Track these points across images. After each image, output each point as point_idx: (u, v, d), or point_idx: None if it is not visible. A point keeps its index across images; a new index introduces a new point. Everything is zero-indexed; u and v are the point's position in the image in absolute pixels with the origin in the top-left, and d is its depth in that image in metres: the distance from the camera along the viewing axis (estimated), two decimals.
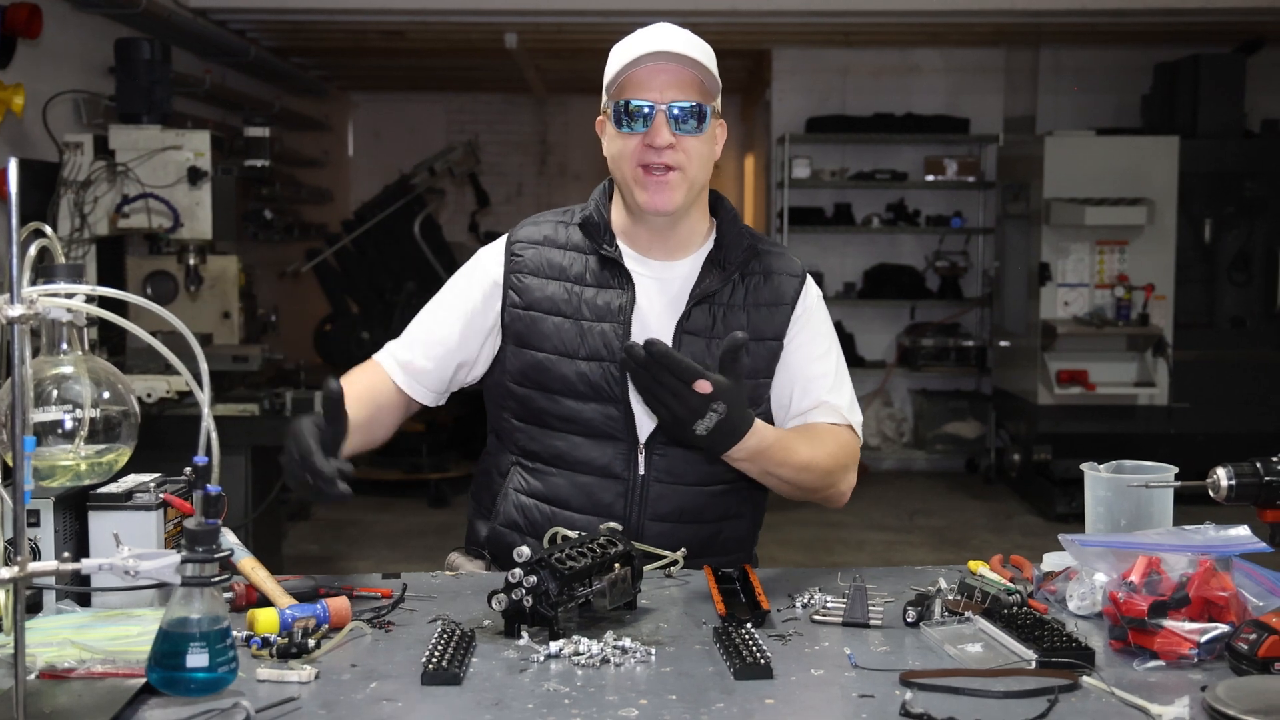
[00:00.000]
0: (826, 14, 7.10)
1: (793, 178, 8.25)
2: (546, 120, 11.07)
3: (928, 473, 8.48)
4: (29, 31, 4.69)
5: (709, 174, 2.17)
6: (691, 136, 2.08)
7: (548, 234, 2.20)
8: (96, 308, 1.54)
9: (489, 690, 1.51)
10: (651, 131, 2.07)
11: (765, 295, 2.19)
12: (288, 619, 1.67)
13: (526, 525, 2.15)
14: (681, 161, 2.08)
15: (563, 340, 2.12)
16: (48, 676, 1.51)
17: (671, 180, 2.08)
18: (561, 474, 2.14)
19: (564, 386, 2.12)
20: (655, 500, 2.12)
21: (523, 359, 2.15)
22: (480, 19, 7.13)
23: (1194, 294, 7.43)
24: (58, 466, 1.62)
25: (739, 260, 2.18)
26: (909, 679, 1.53)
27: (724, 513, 2.18)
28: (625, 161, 2.11)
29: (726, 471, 2.13)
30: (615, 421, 2.11)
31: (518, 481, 2.18)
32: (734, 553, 2.19)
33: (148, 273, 5.16)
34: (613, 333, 2.11)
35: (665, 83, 2.07)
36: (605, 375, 2.10)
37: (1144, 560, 1.68)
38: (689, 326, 2.14)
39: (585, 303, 2.14)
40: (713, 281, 2.16)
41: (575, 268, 2.16)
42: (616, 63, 2.11)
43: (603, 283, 2.15)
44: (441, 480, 7.27)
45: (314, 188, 9.01)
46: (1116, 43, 8.18)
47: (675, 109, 2.07)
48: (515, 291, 2.17)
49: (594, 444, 2.12)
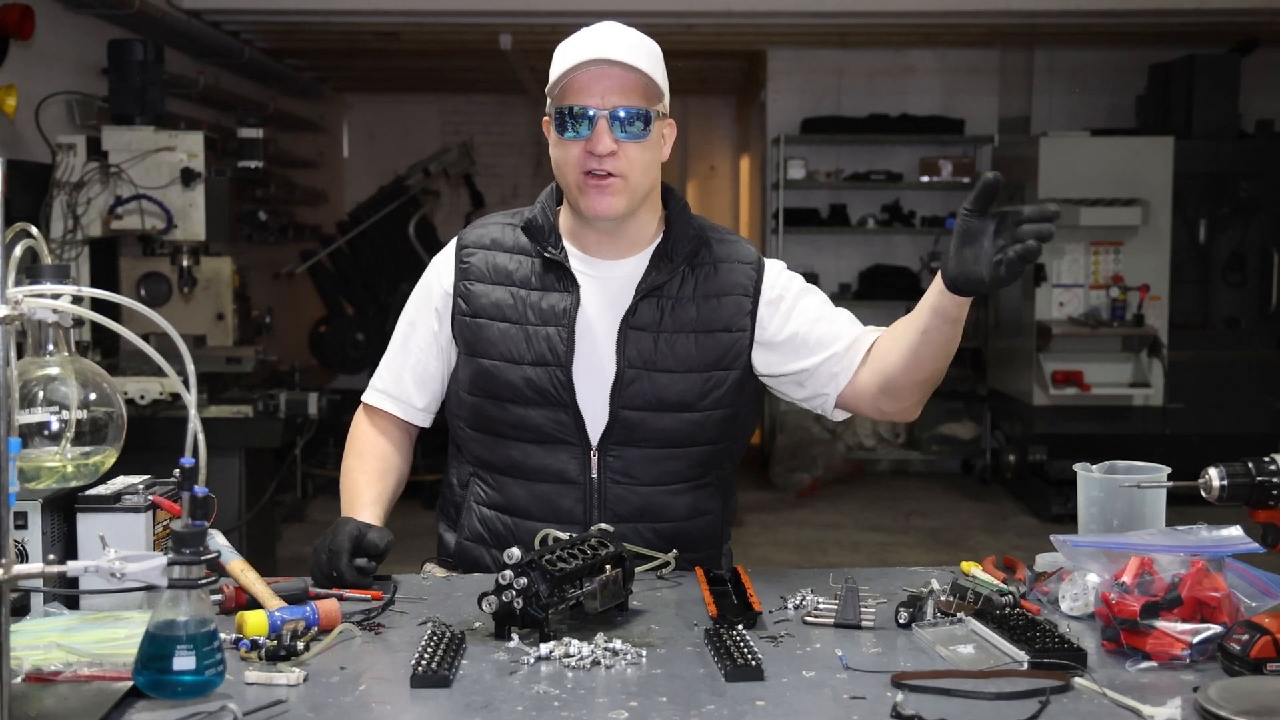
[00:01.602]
0: (821, 15, 7.10)
1: (788, 179, 8.25)
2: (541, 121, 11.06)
3: (923, 474, 8.48)
4: (21, 32, 4.68)
5: (655, 176, 2.14)
6: (634, 142, 2.05)
7: (495, 236, 2.19)
8: (83, 309, 1.53)
9: (479, 692, 1.50)
10: (593, 138, 2.04)
11: (715, 285, 2.14)
12: (277, 621, 1.66)
13: (491, 539, 2.14)
14: (624, 168, 2.06)
15: (509, 346, 2.11)
16: (34, 680, 1.50)
17: (613, 186, 2.06)
18: (518, 483, 2.13)
19: (512, 393, 2.10)
20: (614, 502, 2.10)
21: (472, 367, 2.14)
22: (475, 20, 7.13)
23: (1189, 294, 7.44)
24: (44, 468, 1.61)
25: (686, 252, 2.15)
26: (901, 680, 1.53)
27: (688, 511, 2.15)
28: (568, 168, 2.09)
29: (684, 468, 2.13)
30: (565, 426, 2.10)
31: (477, 493, 2.18)
32: (702, 550, 2.16)
33: (141, 274, 5.15)
34: (557, 336, 2.09)
35: (607, 88, 2.04)
36: (552, 380, 2.08)
37: (1136, 561, 1.68)
38: (635, 321, 2.11)
39: (530, 307, 2.12)
40: (659, 274, 2.13)
41: (521, 271, 2.15)
42: (559, 65, 2.08)
43: (547, 285, 2.13)
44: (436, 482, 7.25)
45: (308, 189, 9.00)
46: (1111, 43, 8.19)
47: (617, 114, 2.04)
48: (463, 299, 2.16)
49: (546, 450, 2.11)
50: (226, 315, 5.33)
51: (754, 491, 7.71)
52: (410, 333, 2.23)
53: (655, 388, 2.08)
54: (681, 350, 2.10)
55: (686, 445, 2.12)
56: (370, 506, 2.12)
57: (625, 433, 2.09)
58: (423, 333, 2.21)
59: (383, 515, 2.14)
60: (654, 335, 2.10)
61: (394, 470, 2.23)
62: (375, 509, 2.13)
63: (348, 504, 2.15)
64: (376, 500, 2.15)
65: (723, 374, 2.12)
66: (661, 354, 2.09)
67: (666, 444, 2.11)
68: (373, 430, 2.26)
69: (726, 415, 2.13)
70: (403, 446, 2.26)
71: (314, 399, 4.84)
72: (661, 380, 2.09)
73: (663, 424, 2.10)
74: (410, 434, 2.28)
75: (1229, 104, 7.44)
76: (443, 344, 2.20)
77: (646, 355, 2.09)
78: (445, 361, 2.22)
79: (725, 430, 2.15)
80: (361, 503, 2.13)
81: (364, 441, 2.24)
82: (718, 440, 2.15)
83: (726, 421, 2.14)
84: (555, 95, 2.09)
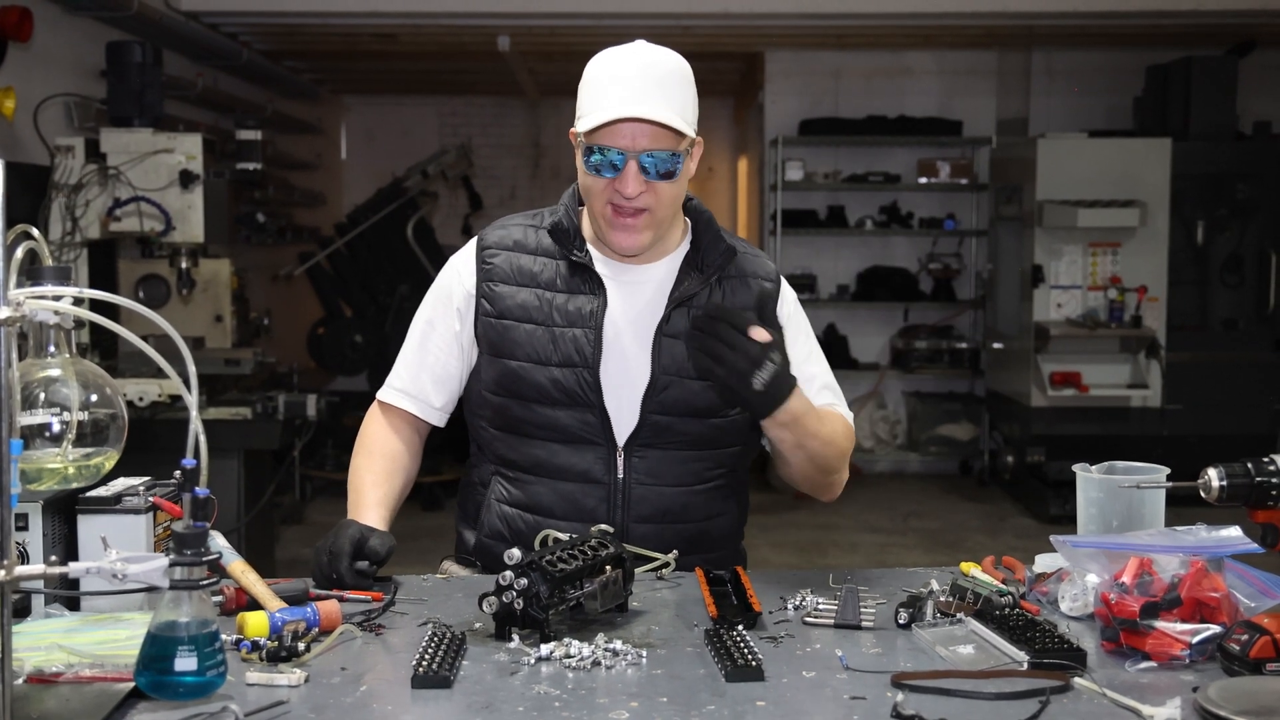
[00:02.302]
0: (819, 16, 7.10)
1: (786, 180, 8.25)
2: (539, 123, 11.06)
3: (921, 475, 8.48)
4: (20, 34, 4.68)
5: (678, 206, 2.15)
6: (662, 181, 2.06)
7: (517, 239, 2.19)
8: (84, 310, 1.53)
9: (479, 693, 1.50)
10: (622, 179, 2.04)
11: (742, 298, 2.17)
12: (277, 622, 1.67)
13: (512, 536, 2.14)
14: (651, 204, 2.07)
15: (535, 347, 2.11)
16: (35, 681, 1.51)
17: (640, 223, 2.08)
18: (542, 481, 2.13)
19: (538, 394, 2.11)
20: (638, 503, 2.11)
21: (497, 368, 2.15)
22: (473, 22, 7.13)
23: (1187, 296, 7.44)
24: (45, 470, 1.61)
25: (717, 263, 2.17)
26: (900, 681, 1.53)
27: (708, 511, 2.17)
28: (594, 198, 2.10)
29: (707, 469, 2.14)
30: (592, 426, 2.11)
31: (499, 491, 2.18)
32: (720, 550, 2.18)
33: (140, 276, 5.14)
34: (584, 338, 2.10)
35: (639, 130, 2.03)
36: (579, 381, 2.10)
37: (1136, 561, 1.68)
38: (668, 330, 2.12)
39: (556, 309, 2.12)
40: (692, 284, 2.15)
41: (546, 273, 2.15)
42: (590, 104, 2.05)
43: (573, 288, 2.14)
44: (435, 484, 7.26)
45: (307, 191, 9.00)
46: (1108, 45, 8.20)
47: (646, 159, 2.04)
48: (487, 300, 2.16)
49: (572, 450, 2.12)
50: (225, 317, 5.33)
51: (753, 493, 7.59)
52: (429, 332, 2.23)
53: (687, 395, 2.10)
54: None
55: (710, 448, 2.15)
56: (375, 508, 2.13)
57: (652, 436, 2.11)
58: (442, 332, 2.22)
59: (388, 517, 2.14)
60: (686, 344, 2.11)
61: (402, 471, 2.23)
62: (380, 510, 2.13)
63: (353, 504, 2.15)
64: (382, 502, 2.15)
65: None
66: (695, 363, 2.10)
67: (691, 446, 2.13)
68: (385, 428, 2.25)
69: (747, 420, 2.15)
70: (414, 445, 2.26)
71: (312, 401, 4.84)
72: (694, 388, 2.10)
73: (690, 428, 2.12)
74: (422, 433, 2.29)
75: (1226, 105, 7.44)
76: (464, 344, 2.21)
77: (680, 363, 2.10)
78: (465, 361, 2.22)
79: (745, 434, 2.18)
80: (367, 504, 2.13)
81: (374, 440, 2.24)
82: (738, 443, 2.19)
83: (747, 425, 2.16)
84: (584, 130, 2.06)
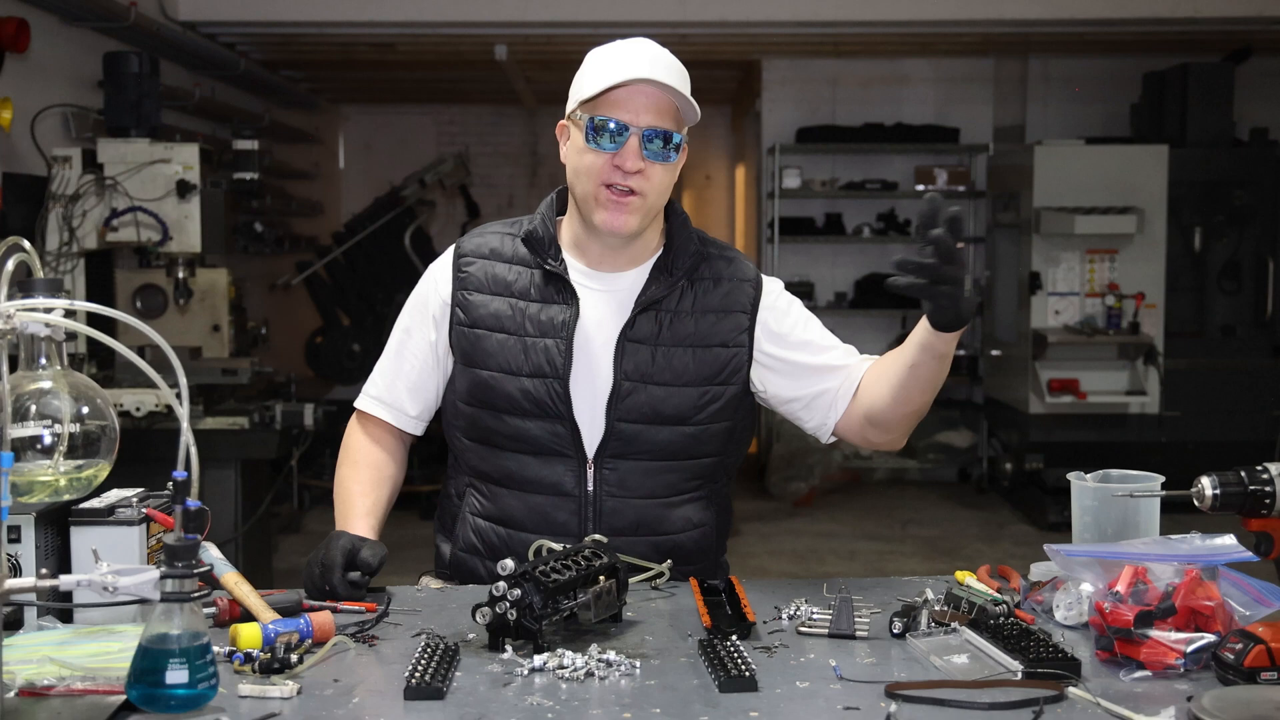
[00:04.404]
0: (816, 24, 7.11)
1: (783, 188, 8.26)
2: (537, 132, 11.07)
3: (919, 482, 8.47)
4: (17, 45, 4.68)
5: (667, 198, 2.16)
6: (659, 163, 2.06)
7: (494, 246, 2.19)
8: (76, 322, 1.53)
9: (472, 704, 1.50)
10: (622, 153, 2.05)
11: (714, 301, 2.16)
12: (270, 634, 1.66)
13: (485, 549, 2.14)
14: (644, 187, 2.06)
15: (506, 357, 2.11)
16: (27, 694, 1.50)
17: (632, 203, 2.07)
18: (513, 494, 2.12)
19: (509, 404, 2.10)
20: (609, 515, 2.10)
21: (469, 377, 2.14)
22: (470, 31, 7.14)
23: (1184, 302, 7.45)
24: (36, 482, 1.61)
25: (686, 266, 2.16)
26: (895, 690, 1.53)
27: (683, 523, 2.15)
28: (588, 177, 2.09)
29: (681, 481, 2.13)
30: (561, 438, 2.10)
31: (472, 504, 2.18)
32: (695, 563, 2.15)
33: (137, 286, 5.14)
34: (555, 348, 2.09)
35: (643, 105, 2.05)
36: (549, 391, 2.09)
37: (1130, 570, 1.68)
38: (633, 334, 2.11)
39: (529, 318, 2.12)
40: (659, 288, 2.13)
41: (520, 283, 2.15)
42: (596, 76, 2.08)
43: (547, 298, 2.13)
44: (433, 492, 7.26)
45: (304, 200, 9.00)
46: (1105, 52, 8.21)
47: (649, 133, 2.05)
48: (461, 309, 2.16)
49: (542, 462, 2.11)
50: (222, 327, 5.33)
51: (751, 500, 7.71)
52: (405, 340, 2.23)
53: (652, 400, 2.09)
54: (679, 364, 2.10)
55: (682, 458, 2.12)
56: (364, 518, 2.12)
57: (621, 445, 2.09)
58: (418, 340, 2.21)
59: (377, 526, 2.13)
60: (651, 348, 2.10)
61: (388, 479, 2.22)
62: (369, 520, 2.12)
63: (341, 516, 2.14)
64: (370, 511, 2.14)
65: (720, 389, 2.13)
66: (659, 367, 2.10)
67: (662, 457, 2.11)
68: (366, 438, 2.25)
69: (723, 429, 2.14)
70: (397, 454, 2.26)
71: (310, 410, 4.83)
72: (658, 393, 2.09)
73: (658, 437, 2.10)
74: (404, 440, 2.28)
75: (1223, 112, 7.45)
76: (439, 353, 2.20)
77: (644, 368, 2.09)
78: (441, 370, 2.22)
79: (721, 444, 2.16)
80: (355, 514, 2.13)
81: (357, 450, 2.24)
82: (713, 454, 2.16)
83: (722, 435, 2.15)
84: (588, 104, 2.08)
